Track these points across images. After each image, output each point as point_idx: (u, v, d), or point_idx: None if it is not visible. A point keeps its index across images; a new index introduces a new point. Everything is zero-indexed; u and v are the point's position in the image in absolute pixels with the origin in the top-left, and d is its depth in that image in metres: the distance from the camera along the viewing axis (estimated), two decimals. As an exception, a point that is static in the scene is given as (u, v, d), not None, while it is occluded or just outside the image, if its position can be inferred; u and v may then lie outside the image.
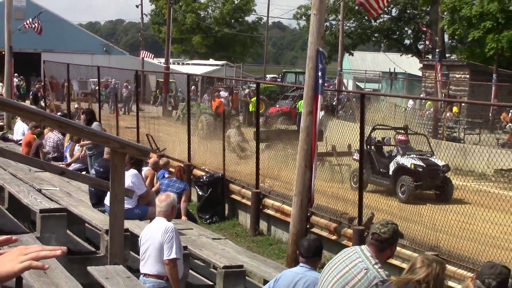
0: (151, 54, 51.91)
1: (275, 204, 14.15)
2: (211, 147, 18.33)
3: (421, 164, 16.83)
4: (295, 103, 30.74)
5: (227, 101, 29.03)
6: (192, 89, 34.67)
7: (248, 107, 32.00)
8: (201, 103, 30.10)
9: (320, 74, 11.61)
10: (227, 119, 23.80)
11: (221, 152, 16.60)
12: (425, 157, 17.33)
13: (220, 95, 30.87)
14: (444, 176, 16.88)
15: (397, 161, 17.29)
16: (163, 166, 14.15)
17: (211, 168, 16.79)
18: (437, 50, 39.08)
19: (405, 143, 17.83)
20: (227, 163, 16.43)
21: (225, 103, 28.35)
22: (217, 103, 25.82)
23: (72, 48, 53.02)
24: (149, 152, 9.59)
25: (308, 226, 12.51)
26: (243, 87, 41.84)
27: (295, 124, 25.03)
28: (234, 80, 48.75)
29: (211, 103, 27.60)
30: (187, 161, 17.40)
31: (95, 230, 10.42)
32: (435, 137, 25.81)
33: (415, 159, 17.09)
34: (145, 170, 12.80)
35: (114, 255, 7.76)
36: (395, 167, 17.20)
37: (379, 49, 72.85)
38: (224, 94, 31.36)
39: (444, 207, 14.68)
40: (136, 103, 24.45)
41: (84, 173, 13.59)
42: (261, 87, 26.83)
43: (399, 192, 16.65)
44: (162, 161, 14.44)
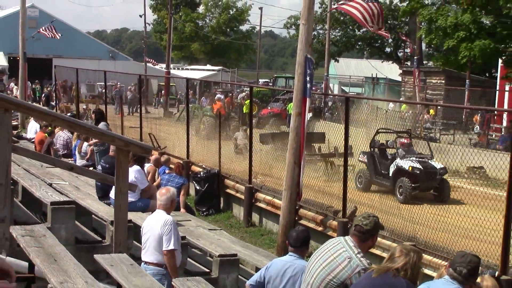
0: (153, 60, 51.80)
1: (266, 198, 14.13)
2: (208, 146, 18.31)
3: (419, 166, 16.03)
4: (286, 105, 30.68)
5: (225, 104, 28.90)
6: (190, 92, 34.55)
7: (242, 109, 31.93)
8: (203, 106, 29.97)
9: (308, 78, 11.61)
10: (227, 121, 23.75)
11: (217, 150, 16.59)
12: (424, 159, 16.50)
13: (220, 98, 30.74)
14: (441, 178, 16.19)
15: (396, 163, 16.59)
16: (164, 162, 14.12)
17: (208, 164, 16.76)
18: (415, 57, 39.24)
19: (407, 146, 17.12)
20: (222, 160, 16.43)
21: (225, 106, 28.22)
22: (218, 106, 25.76)
23: (80, 54, 52.86)
24: (151, 150, 9.57)
25: (296, 218, 12.49)
26: (237, 90, 41.77)
27: (285, 124, 24.94)
28: (229, 84, 48.69)
29: (212, 106, 27.53)
30: (186, 158, 17.37)
31: (101, 221, 10.42)
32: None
33: (414, 161, 16.34)
34: (147, 166, 12.77)
35: (118, 244, 7.75)
36: (394, 169, 16.55)
37: (363, 56, 73.03)
38: (220, 97, 31.21)
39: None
40: (139, 104, 24.38)
41: (91, 169, 13.56)
42: (254, 90, 26.82)
43: (398, 193, 15.97)
44: (163, 158, 14.43)
